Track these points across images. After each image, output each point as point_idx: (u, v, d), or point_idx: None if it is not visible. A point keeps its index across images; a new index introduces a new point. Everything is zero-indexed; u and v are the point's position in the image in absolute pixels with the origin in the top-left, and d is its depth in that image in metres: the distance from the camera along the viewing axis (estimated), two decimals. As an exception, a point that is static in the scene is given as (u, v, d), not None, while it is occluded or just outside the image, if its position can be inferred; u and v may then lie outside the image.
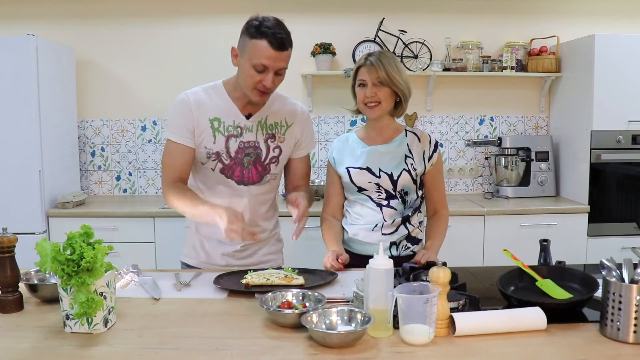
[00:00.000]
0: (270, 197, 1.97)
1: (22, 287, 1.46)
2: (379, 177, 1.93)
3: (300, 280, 1.60)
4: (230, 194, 1.87)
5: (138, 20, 3.65)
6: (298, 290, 1.45)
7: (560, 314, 1.31)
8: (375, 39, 3.55)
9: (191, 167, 1.86)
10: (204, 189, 1.90)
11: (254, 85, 1.73)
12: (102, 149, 3.74)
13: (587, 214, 3.24)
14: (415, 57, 3.56)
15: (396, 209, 1.94)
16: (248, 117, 1.85)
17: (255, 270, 1.69)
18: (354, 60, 3.55)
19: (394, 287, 1.25)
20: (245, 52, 1.72)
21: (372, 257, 1.28)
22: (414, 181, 1.94)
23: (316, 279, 1.66)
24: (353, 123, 3.74)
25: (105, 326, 1.29)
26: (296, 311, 1.29)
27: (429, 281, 1.26)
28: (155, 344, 1.22)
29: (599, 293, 1.31)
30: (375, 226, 1.94)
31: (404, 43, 3.55)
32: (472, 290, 1.47)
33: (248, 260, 1.93)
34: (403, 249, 1.95)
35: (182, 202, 1.78)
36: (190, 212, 1.78)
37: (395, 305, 1.21)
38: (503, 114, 3.78)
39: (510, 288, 1.48)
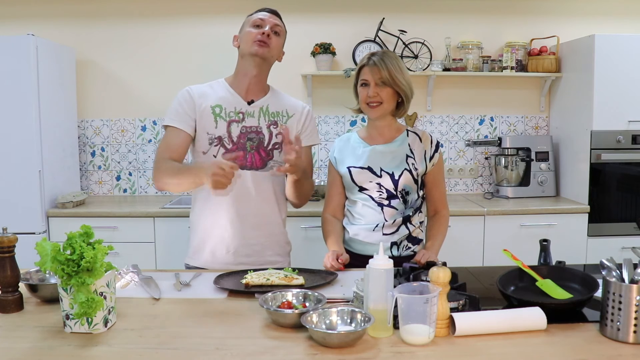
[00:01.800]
0: (275, 188, 1.95)
1: (22, 287, 1.46)
2: (380, 176, 1.93)
3: (300, 280, 1.60)
4: (234, 181, 1.84)
5: (138, 20, 3.66)
6: (298, 290, 1.45)
7: (560, 314, 1.31)
8: (375, 39, 3.55)
9: (184, 151, 1.87)
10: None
11: (253, 39, 1.83)
12: (102, 149, 3.74)
13: (587, 214, 3.24)
14: (415, 57, 3.56)
15: (397, 209, 1.94)
16: (250, 103, 1.90)
17: (255, 270, 1.69)
18: (354, 60, 3.55)
19: (394, 287, 1.25)
20: (245, 25, 1.89)
21: (372, 257, 1.28)
22: (415, 181, 1.94)
23: (316, 279, 1.66)
24: (353, 123, 3.74)
25: (105, 326, 1.29)
26: (296, 311, 1.29)
27: (429, 281, 1.26)
28: (155, 344, 1.22)
29: (599, 293, 1.31)
30: (376, 226, 1.93)
31: (404, 43, 3.55)
32: (472, 290, 1.47)
33: (252, 259, 1.91)
34: (404, 249, 1.95)
35: (169, 170, 1.79)
36: (178, 179, 1.78)
37: (395, 305, 1.21)
38: (503, 114, 3.78)
39: (510, 288, 1.48)
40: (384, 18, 3.56)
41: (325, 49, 3.50)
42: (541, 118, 3.79)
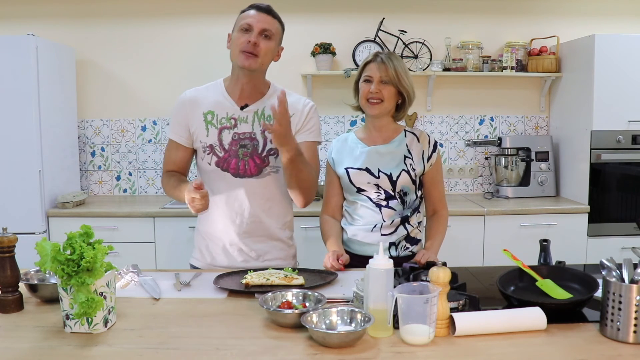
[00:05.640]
0: (274, 192, 1.88)
1: (22, 287, 1.46)
2: (378, 177, 1.93)
3: (300, 280, 1.60)
4: (228, 189, 1.85)
5: (138, 20, 3.65)
6: (298, 290, 1.45)
7: (560, 314, 1.31)
8: (375, 39, 3.55)
9: (186, 163, 1.94)
10: (207, 188, 1.80)
11: (240, 46, 1.76)
12: (102, 149, 3.74)
13: (587, 214, 3.24)
14: (415, 57, 3.56)
15: (395, 210, 1.93)
16: (243, 108, 1.85)
17: (255, 270, 1.69)
18: (354, 60, 3.55)
19: (394, 287, 1.25)
20: (235, 25, 1.81)
21: (371, 257, 1.28)
22: (413, 181, 1.94)
23: (316, 279, 1.66)
24: (353, 123, 3.74)
25: (105, 326, 1.29)
26: (296, 311, 1.29)
27: (429, 281, 1.26)
28: (155, 344, 1.22)
29: (599, 293, 1.31)
30: (375, 227, 1.93)
31: (404, 43, 3.55)
32: (472, 290, 1.47)
33: (250, 264, 1.86)
34: (402, 249, 1.95)
35: (169, 185, 1.87)
36: (176, 195, 1.85)
37: (395, 305, 1.21)
38: (503, 114, 3.78)
39: (510, 288, 1.48)
40: (384, 18, 3.56)
41: (325, 49, 3.50)
42: (541, 118, 3.79)
